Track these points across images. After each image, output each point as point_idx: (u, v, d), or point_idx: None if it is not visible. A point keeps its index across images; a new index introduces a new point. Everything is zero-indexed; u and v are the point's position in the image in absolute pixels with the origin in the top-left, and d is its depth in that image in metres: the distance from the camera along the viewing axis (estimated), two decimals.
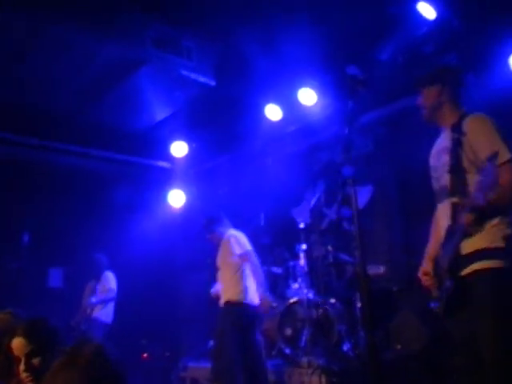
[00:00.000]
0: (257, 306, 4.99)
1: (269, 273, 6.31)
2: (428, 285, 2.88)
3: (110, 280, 6.75)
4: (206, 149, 7.59)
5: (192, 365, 6.14)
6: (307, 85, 5.92)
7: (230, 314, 4.91)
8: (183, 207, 7.85)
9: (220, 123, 6.95)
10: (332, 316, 5.36)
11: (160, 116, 6.74)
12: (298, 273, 5.81)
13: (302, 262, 5.72)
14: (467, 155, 2.70)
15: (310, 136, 7.00)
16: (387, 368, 4.50)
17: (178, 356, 7.38)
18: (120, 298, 6.93)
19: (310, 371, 4.71)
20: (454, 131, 2.80)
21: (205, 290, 6.49)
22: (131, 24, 5.04)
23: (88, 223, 7.46)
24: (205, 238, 5.40)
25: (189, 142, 7.29)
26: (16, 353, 2.37)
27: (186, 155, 7.39)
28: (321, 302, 5.48)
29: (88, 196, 7.62)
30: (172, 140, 7.26)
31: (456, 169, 2.72)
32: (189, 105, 6.34)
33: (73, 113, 6.36)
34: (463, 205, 2.61)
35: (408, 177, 5.93)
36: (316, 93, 5.94)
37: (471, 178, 2.67)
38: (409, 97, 5.18)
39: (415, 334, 4.98)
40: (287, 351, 5.48)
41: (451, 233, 2.73)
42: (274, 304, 6.04)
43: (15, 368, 2.37)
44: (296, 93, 6.01)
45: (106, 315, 6.61)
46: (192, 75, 5.58)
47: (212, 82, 5.73)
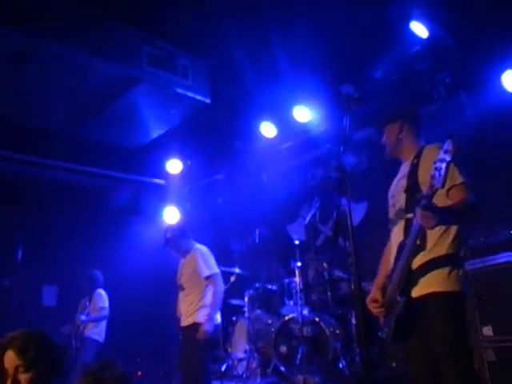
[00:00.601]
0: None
1: (264, 289, 6.29)
2: (376, 312, 2.95)
3: (102, 299, 6.68)
4: (201, 166, 7.61)
5: None
6: (302, 102, 5.96)
7: (197, 337, 4.70)
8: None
9: (215, 140, 6.97)
10: (327, 333, 5.32)
11: (155, 133, 6.74)
12: (293, 290, 5.79)
13: (298, 279, 5.70)
14: (423, 177, 2.82)
15: (305, 152, 7.03)
16: None
17: (173, 374, 7.30)
18: (114, 315, 6.86)
19: None
20: (414, 159, 2.99)
21: None
22: (127, 42, 5.07)
23: (83, 240, 7.43)
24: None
25: (184, 159, 7.31)
26: (6, 366, 2.32)
27: (181, 172, 7.40)
28: (316, 319, 5.45)
29: (83, 212, 7.60)
30: (167, 157, 7.28)
31: (412, 188, 2.87)
32: (184, 122, 6.35)
33: (68, 129, 6.36)
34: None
35: None
36: (311, 110, 5.98)
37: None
38: None
39: None
40: (282, 369, 5.43)
41: (401, 248, 2.79)
42: (269, 321, 6.02)
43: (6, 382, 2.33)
44: (291, 109, 6.05)
45: (98, 334, 6.52)
46: (187, 93, 5.60)
47: (207, 100, 5.75)
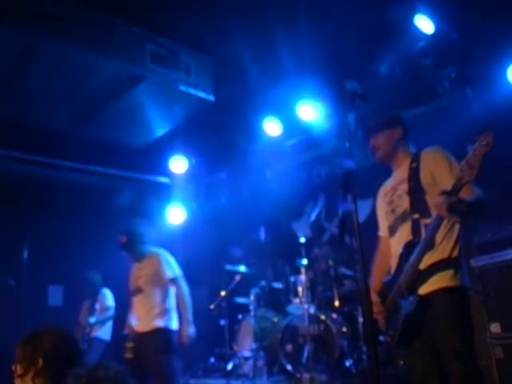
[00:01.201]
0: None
1: (269, 288, 6.28)
2: (377, 316, 2.91)
3: (108, 298, 6.70)
4: (206, 164, 7.59)
5: (193, 382, 6.07)
6: (306, 99, 5.93)
7: (160, 342, 4.53)
8: (183, 223, 7.82)
9: (219, 138, 6.95)
10: (334, 331, 5.30)
11: (159, 131, 6.73)
12: (299, 288, 5.77)
13: (303, 277, 5.68)
14: (426, 179, 2.85)
15: (310, 150, 7.00)
16: None
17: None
18: (119, 315, 6.85)
19: None
20: (412, 163, 2.98)
21: (204, 307, 6.45)
22: (130, 40, 5.05)
23: (88, 240, 7.43)
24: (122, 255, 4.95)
25: (188, 157, 7.29)
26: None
27: (186, 170, 7.38)
28: (322, 317, 5.43)
29: (88, 212, 7.59)
30: (171, 155, 7.27)
31: (416, 190, 2.87)
32: (188, 120, 6.34)
33: (72, 128, 6.36)
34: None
35: None
36: (315, 107, 5.95)
37: (431, 199, 2.79)
38: (407, 110, 5.19)
39: None
40: (289, 367, 5.41)
41: (410, 248, 2.78)
42: (275, 319, 6.00)
43: None
44: (295, 106, 6.02)
45: (105, 333, 6.55)
46: (191, 90, 5.58)
47: (211, 97, 5.73)
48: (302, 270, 5.71)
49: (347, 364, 5.17)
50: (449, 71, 5.36)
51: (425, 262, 2.71)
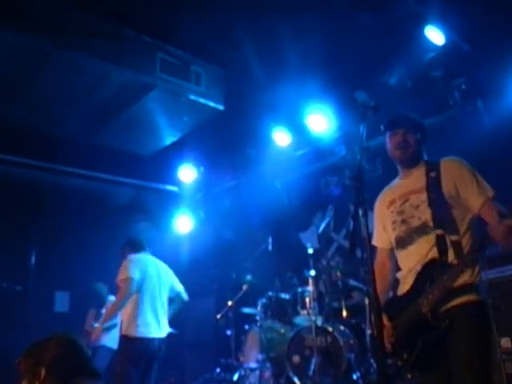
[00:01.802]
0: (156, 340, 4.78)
1: (277, 298, 6.24)
2: (386, 340, 2.62)
3: None
4: (215, 173, 7.60)
5: None
6: (316, 109, 5.92)
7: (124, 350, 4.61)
8: (191, 232, 7.82)
9: (228, 147, 6.95)
10: (341, 343, 5.24)
11: (168, 140, 6.76)
12: (307, 299, 5.73)
13: (311, 288, 5.64)
14: (449, 192, 2.70)
15: (319, 160, 6.98)
16: None
17: (184, 382, 7.27)
18: None
19: None
20: (430, 172, 2.82)
21: (211, 316, 6.43)
22: (140, 49, 5.09)
23: (95, 247, 7.44)
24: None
25: (197, 166, 7.30)
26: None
27: (195, 179, 7.39)
28: (330, 329, 5.37)
29: (95, 218, 7.61)
30: (180, 164, 7.28)
31: (438, 203, 2.69)
32: (197, 129, 6.35)
33: (82, 136, 6.40)
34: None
35: None
36: (324, 117, 5.94)
37: (458, 214, 2.68)
38: None
39: None
40: (295, 379, 5.35)
41: (434, 267, 2.60)
42: (282, 330, 5.96)
43: None
44: (304, 117, 6.01)
45: (112, 341, 6.52)
46: (201, 100, 5.60)
47: (220, 107, 5.75)
48: (310, 281, 5.67)
49: (354, 377, 5.11)
50: (459, 82, 5.33)
51: (455, 283, 2.54)
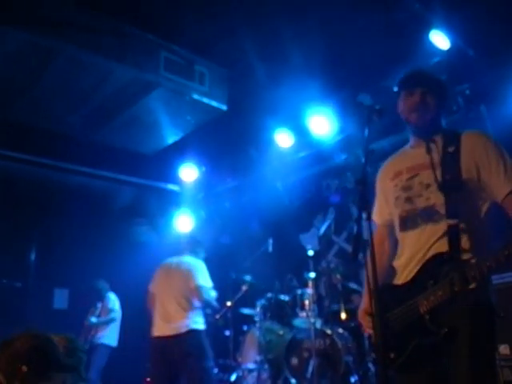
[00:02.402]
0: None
1: (276, 300, 6.23)
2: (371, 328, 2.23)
3: (112, 301, 6.70)
4: (216, 173, 7.59)
5: None
6: (318, 111, 5.92)
7: None
8: (191, 231, 7.81)
9: (230, 148, 6.95)
10: (339, 346, 5.24)
11: (171, 139, 6.75)
12: (306, 301, 5.72)
13: (311, 291, 5.63)
14: (468, 173, 2.28)
15: (321, 162, 6.98)
16: None
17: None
18: (125, 321, 6.85)
19: None
20: (448, 145, 2.37)
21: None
22: (144, 47, 5.08)
23: (94, 244, 7.44)
24: None
25: (198, 166, 7.30)
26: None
27: (196, 179, 7.39)
28: (328, 332, 5.37)
29: (95, 216, 7.61)
30: (182, 163, 7.28)
31: (453, 187, 2.26)
32: (200, 129, 6.35)
33: (84, 133, 6.39)
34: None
35: None
36: (327, 119, 5.93)
37: (476, 201, 2.29)
38: None
39: None
40: (293, 381, 5.36)
41: (441, 263, 2.20)
42: (281, 332, 5.95)
43: None
44: (307, 119, 6.01)
45: (110, 338, 6.53)
46: (204, 99, 5.60)
47: (223, 107, 5.75)
48: (310, 283, 5.66)
49: (352, 380, 5.11)
50: (463, 88, 5.32)
51: (466, 287, 2.11)
